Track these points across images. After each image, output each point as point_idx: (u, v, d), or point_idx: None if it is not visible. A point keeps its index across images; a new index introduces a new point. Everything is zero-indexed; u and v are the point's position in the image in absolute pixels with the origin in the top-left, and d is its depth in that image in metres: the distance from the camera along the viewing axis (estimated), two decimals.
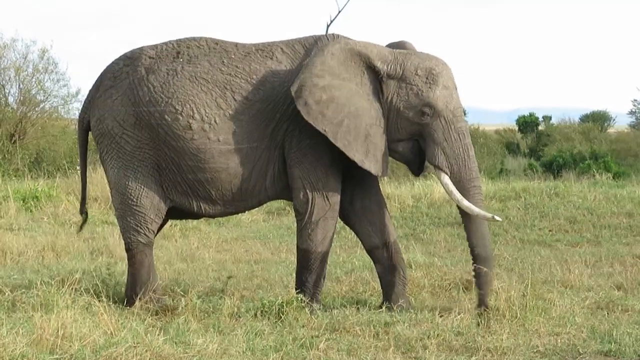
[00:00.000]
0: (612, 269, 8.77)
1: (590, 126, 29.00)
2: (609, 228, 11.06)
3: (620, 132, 30.71)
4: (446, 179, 6.75)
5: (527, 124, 30.89)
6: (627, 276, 8.19)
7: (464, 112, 6.93)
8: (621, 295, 7.31)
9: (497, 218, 6.73)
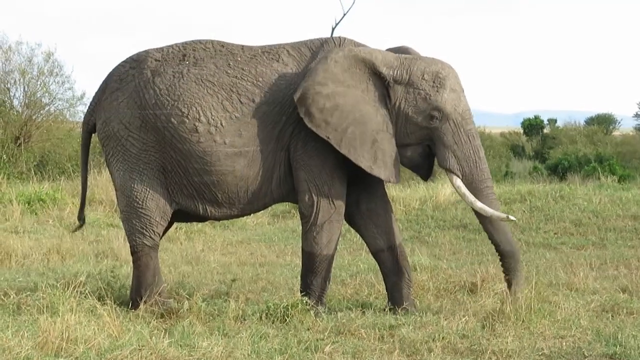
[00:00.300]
0: (618, 272, 8.76)
1: (595, 129, 28.97)
2: (614, 231, 11.05)
3: (626, 135, 30.69)
4: (458, 181, 6.74)
5: (532, 126, 30.86)
6: (632, 279, 8.17)
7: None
8: (626, 298, 7.29)
9: (512, 218, 6.76)
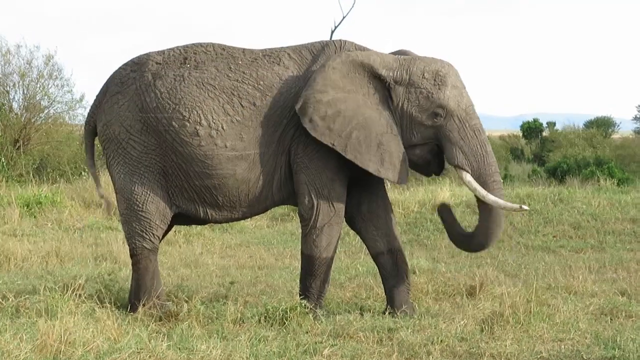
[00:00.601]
0: (616, 275, 8.77)
1: (594, 132, 28.94)
2: (613, 234, 11.07)
3: (625, 138, 30.67)
4: (469, 177, 6.75)
5: (531, 129, 30.83)
6: (631, 282, 8.19)
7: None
8: (625, 301, 7.30)
9: (525, 207, 6.84)
